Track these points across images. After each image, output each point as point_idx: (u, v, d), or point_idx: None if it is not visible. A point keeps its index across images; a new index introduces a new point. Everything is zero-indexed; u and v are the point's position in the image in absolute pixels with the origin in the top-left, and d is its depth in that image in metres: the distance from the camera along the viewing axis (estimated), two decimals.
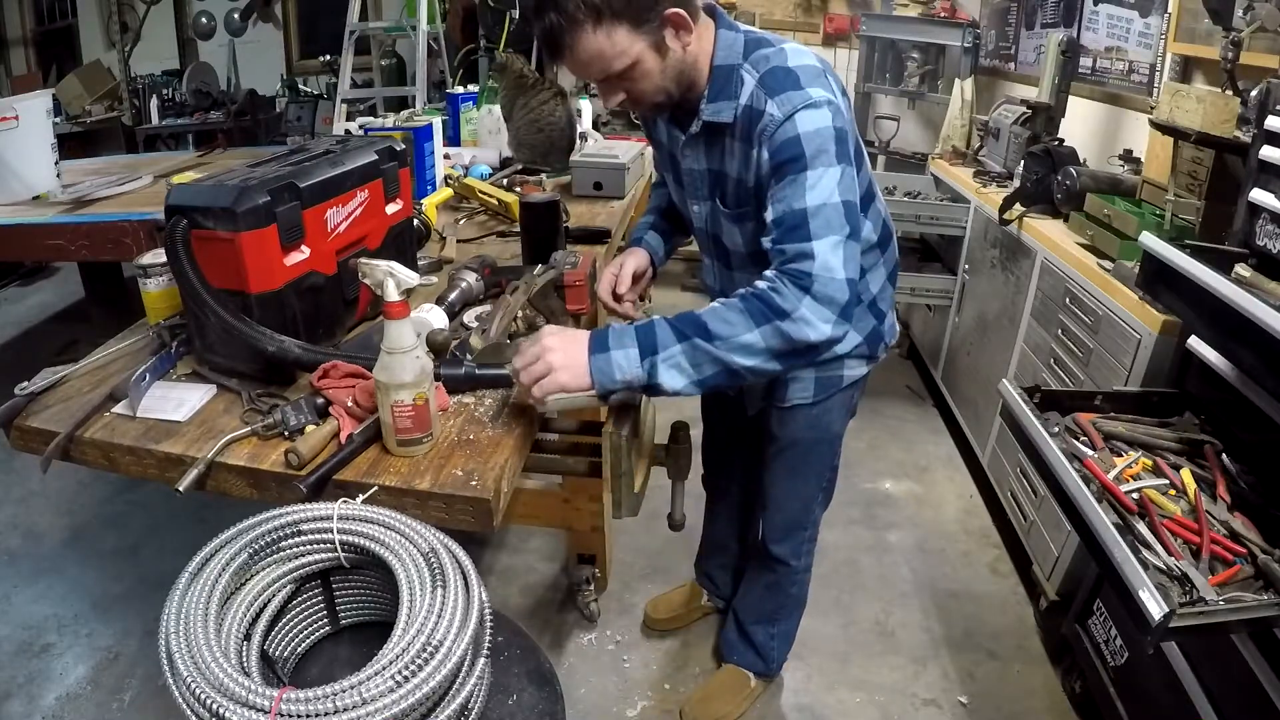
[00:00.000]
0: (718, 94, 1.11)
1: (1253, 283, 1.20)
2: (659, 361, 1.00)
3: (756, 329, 1.00)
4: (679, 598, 1.97)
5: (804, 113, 1.04)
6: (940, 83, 3.78)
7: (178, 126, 5.49)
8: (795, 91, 1.05)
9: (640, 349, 1.01)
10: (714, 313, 1.02)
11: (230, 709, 0.67)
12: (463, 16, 4.60)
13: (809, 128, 1.04)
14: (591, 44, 1.02)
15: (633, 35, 1.03)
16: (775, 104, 1.05)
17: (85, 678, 1.78)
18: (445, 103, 2.74)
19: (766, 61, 1.09)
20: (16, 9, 5.82)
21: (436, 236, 1.79)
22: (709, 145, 1.18)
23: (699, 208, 1.28)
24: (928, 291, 2.84)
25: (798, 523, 1.56)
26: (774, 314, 1.00)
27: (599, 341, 1.02)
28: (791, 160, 1.05)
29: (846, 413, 1.45)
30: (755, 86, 1.08)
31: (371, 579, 0.93)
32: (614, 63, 1.05)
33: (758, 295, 1.01)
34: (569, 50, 1.04)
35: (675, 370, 1.01)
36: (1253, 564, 1.03)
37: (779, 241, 1.04)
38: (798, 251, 1.02)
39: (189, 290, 1.05)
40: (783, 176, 1.06)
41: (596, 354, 1.01)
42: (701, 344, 1.00)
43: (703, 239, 1.34)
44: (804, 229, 1.02)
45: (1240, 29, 1.59)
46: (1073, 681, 1.74)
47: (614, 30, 1.02)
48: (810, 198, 1.03)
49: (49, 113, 2.21)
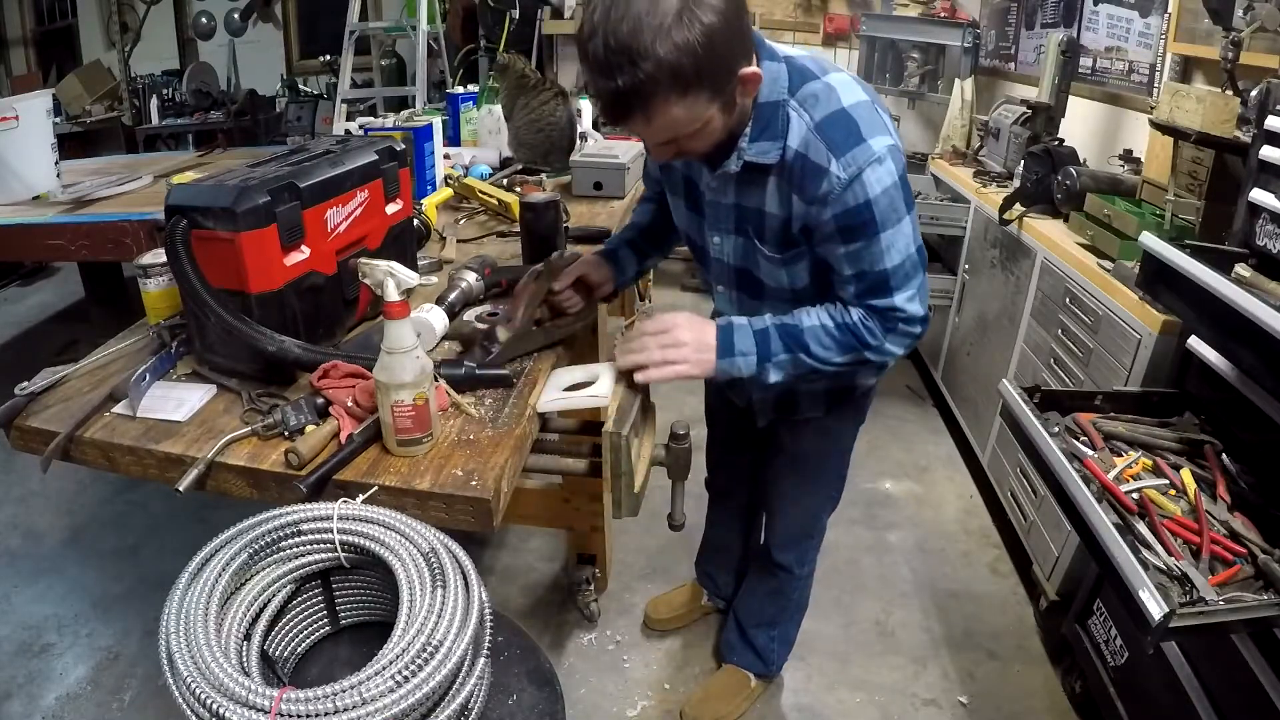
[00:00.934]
0: (760, 133, 1.05)
1: (1253, 283, 1.20)
2: (770, 365, 1.13)
3: (845, 354, 1.12)
4: (679, 598, 1.97)
5: (871, 172, 1.00)
6: (940, 83, 3.78)
7: (178, 126, 5.49)
8: (859, 147, 1.00)
9: (758, 356, 1.13)
10: (814, 334, 1.12)
11: (230, 709, 0.67)
12: (463, 16, 4.60)
13: (877, 190, 1.01)
14: (670, 112, 0.94)
15: (710, 101, 0.96)
16: (840, 165, 1.00)
17: (85, 678, 1.78)
18: (445, 103, 2.74)
19: (817, 102, 1.03)
20: (16, 9, 5.81)
21: (436, 236, 1.79)
22: (743, 181, 1.11)
23: (720, 240, 1.21)
24: (928, 291, 2.84)
25: (805, 532, 1.55)
26: (862, 347, 1.11)
27: (726, 345, 1.13)
28: (864, 225, 1.03)
29: (857, 423, 1.44)
30: (810, 133, 1.02)
31: (371, 579, 0.92)
32: (686, 128, 0.98)
33: (852, 329, 1.11)
34: (643, 116, 0.94)
35: (779, 371, 1.14)
36: (1253, 564, 1.03)
37: (863, 296, 1.10)
38: (885, 306, 1.10)
39: (189, 290, 1.04)
40: (855, 239, 1.05)
41: (723, 358, 1.13)
42: (804, 358, 1.12)
43: (720, 270, 1.26)
44: (886, 286, 1.08)
45: (1240, 29, 1.58)
46: (1073, 681, 1.74)
47: (697, 99, 0.94)
48: (889, 259, 1.06)
49: (49, 113, 2.21)
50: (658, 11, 0.87)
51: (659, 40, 0.87)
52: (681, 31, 0.88)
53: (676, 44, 0.88)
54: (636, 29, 0.87)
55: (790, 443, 1.43)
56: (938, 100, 3.70)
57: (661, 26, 0.87)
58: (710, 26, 0.89)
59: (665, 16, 0.88)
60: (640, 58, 0.88)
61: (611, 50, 0.89)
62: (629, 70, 0.89)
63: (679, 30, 0.88)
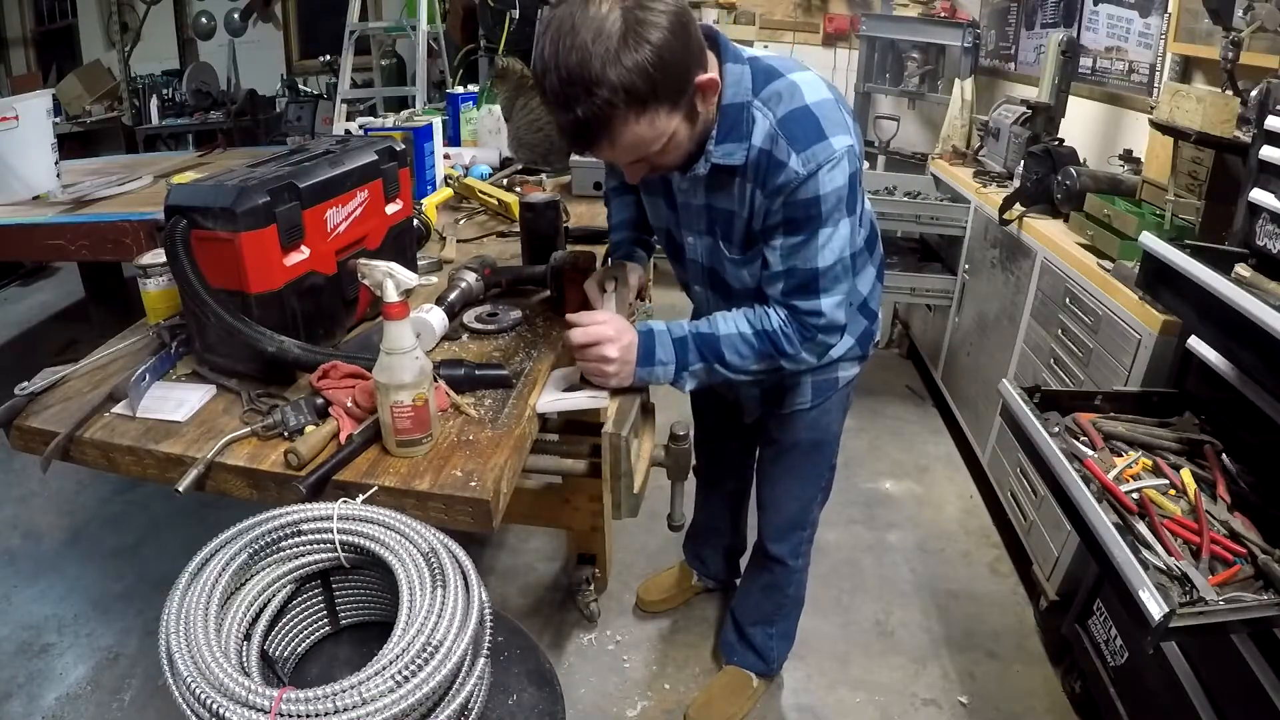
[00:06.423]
0: (726, 134, 1.06)
1: (1253, 283, 1.20)
2: (686, 375, 1.16)
3: (760, 362, 1.16)
4: (670, 579, 2.00)
5: (827, 169, 1.03)
6: (940, 83, 3.78)
7: (178, 126, 5.49)
8: (819, 145, 1.02)
9: (676, 365, 1.15)
10: (730, 342, 1.14)
11: (230, 709, 0.67)
12: (463, 16, 4.59)
13: (829, 188, 1.04)
14: (633, 132, 0.96)
15: (670, 114, 0.97)
16: (800, 160, 1.03)
17: (85, 678, 1.78)
18: (445, 103, 2.74)
19: (780, 100, 1.05)
20: (16, 9, 5.82)
21: (436, 236, 1.79)
22: (712, 184, 1.13)
23: (694, 240, 1.24)
24: (928, 291, 2.84)
25: (797, 523, 1.56)
26: (778, 354, 1.15)
27: (647, 354, 1.14)
28: (808, 219, 1.06)
29: (843, 412, 1.47)
30: (773, 129, 1.04)
31: (371, 579, 0.92)
32: (653, 145, 0.99)
33: (770, 336, 1.13)
34: (608, 141, 0.96)
35: (693, 379, 1.17)
36: (1253, 564, 1.03)
37: (789, 295, 1.12)
38: (809, 309, 1.12)
39: (189, 290, 1.04)
40: (795, 231, 1.07)
41: (643, 366, 1.14)
42: (718, 368, 1.16)
43: (695, 271, 1.29)
44: (814, 286, 1.10)
45: (1240, 29, 1.58)
46: (1073, 681, 1.74)
47: (656, 115, 0.96)
48: (822, 258, 1.08)
49: (49, 113, 2.21)
50: (602, 38, 0.89)
51: (609, 66, 0.89)
52: (630, 54, 0.90)
53: (627, 67, 0.90)
54: (585, 59, 0.89)
55: (778, 433, 1.46)
56: (938, 100, 3.71)
57: (609, 52, 0.89)
58: (658, 44, 0.91)
59: (610, 41, 0.89)
60: (595, 85, 0.90)
61: (565, 83, 0.91)
62: (585, 100, 0.91)
63: (627, 53, 0.90)
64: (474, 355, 1.24)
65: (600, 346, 1.10)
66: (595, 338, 1.11)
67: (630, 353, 1.12)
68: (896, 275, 2.79)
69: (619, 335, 1.11)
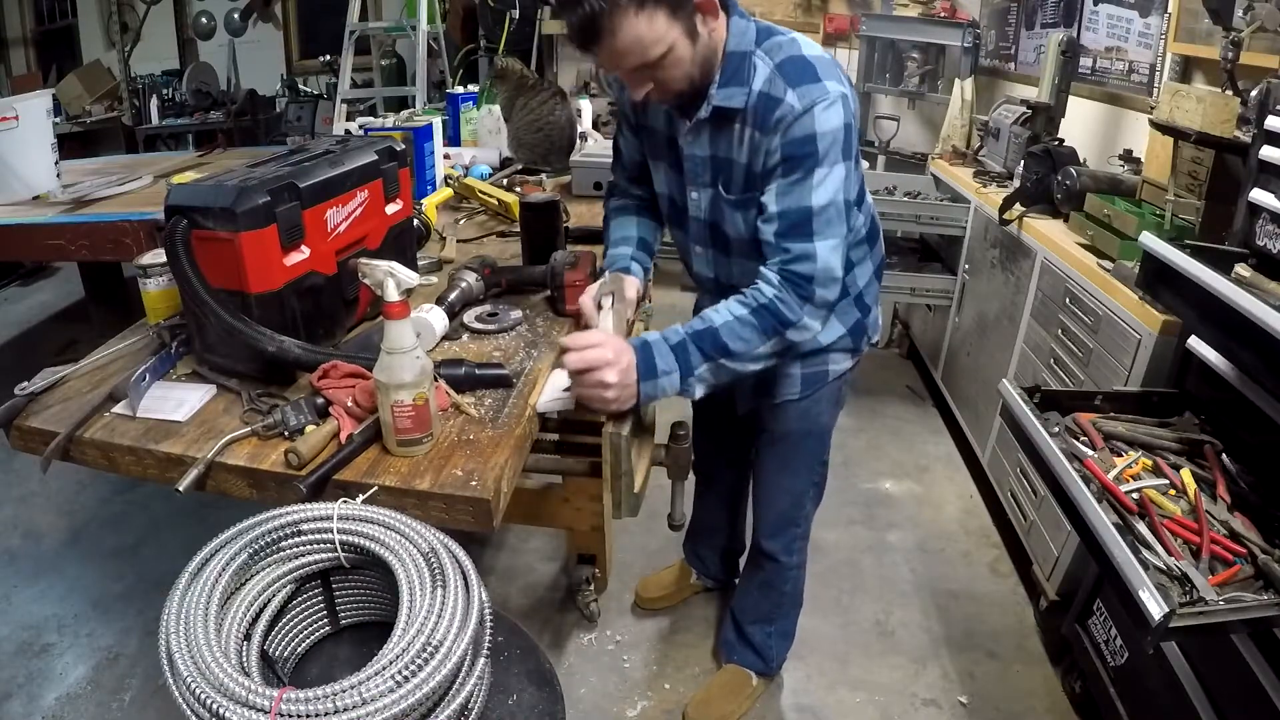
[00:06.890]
0: (729, 79, 1.12)
1: (1253, 283, 1.20)
2: (694, 380, 1.12)
3: (767, 341, 1.12)
4: (668, 577, 2.01)
5: (822, 107, 1.07)
6: (940, 83, 3.78)
7: (178, 126, 5.49)
8: (814, 85, 1.08)
9: (680, 372, 1.11)
10: (730, 330, 1.11)
11: (230, 709, 0.67)
12: (463, 16, 4.60)
13: (825, 126, 1.08)
14: (633, 29, 1.02)
15: (670, 21, 1.04)
16: (795, 95, 1.08)
17: (85, 678, 1.78)
18: (445, 103, 2.74)
19: (780, 49, 1.11)
20: (16, 9, 5.82)
21: (436, 236, 1.79)
22: (715, 131, 1.18)
23: (698, 195, 1.27)
24: (928, 291, 2.84)
25: (789, 518, 1.56)
26: (782, 325, 1.12)
27: (648, 368, 1.10)
28: (804, 156, 1.09)
29: (835, 406, 1.48)
30: (772, 73, 1.10)
31: (371, 579, 0.92)
32: (652, 50, 1.05)
33: (768, 309, 1.11)
34: (609, 35, 1.02)
35: (701, 384, 1.14)
36: (1253, 564, 1.03)
37: (782, 236, 1.11)
38: (802, 252, 1.10)
39: (189, 290, 1.05)
40: (792, 170, 1.10)
41: (646, 380, 1.10)
42: (725, 362, 1.12)
43: (698, 229, 1.32)
44: (807, 227, 1.10)
45: (1240, 29, 1.58)
46: (1073, 681, 1.74)
47: (655, 15, 1.02)
48: (817, 196, 1.09)
49: (49, 113, 2.21)
50: None
51: None
52: None
53: None
54: None
55: (770, 423, 1.47)
56: (938, 100, 3.70)
57: None
58: None
59: None
60: None
61: None
62: None
63: None
64: (474, 355, 1.24)
65: (598, 372, 1.05)
66: (592, 362, 1.05)
67: (630, 374, 1.08)
68: (896, 275, 2.79)
69: (617, 357, 1.06)
